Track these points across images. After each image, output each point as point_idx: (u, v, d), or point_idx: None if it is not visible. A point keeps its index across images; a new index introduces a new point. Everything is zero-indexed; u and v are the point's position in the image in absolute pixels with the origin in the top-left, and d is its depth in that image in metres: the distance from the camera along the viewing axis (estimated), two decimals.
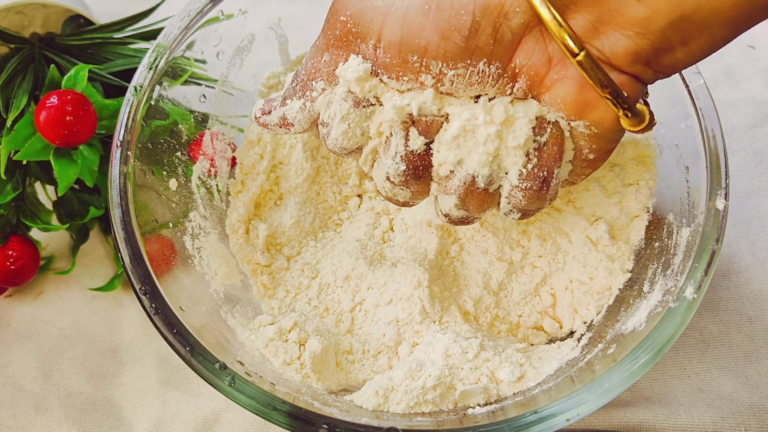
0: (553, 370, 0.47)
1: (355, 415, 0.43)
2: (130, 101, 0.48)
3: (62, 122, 0.51)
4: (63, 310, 0.58)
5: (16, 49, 0.58)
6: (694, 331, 0.56)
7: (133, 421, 0.53)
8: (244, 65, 0.55)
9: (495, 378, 0.47)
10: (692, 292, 0.43)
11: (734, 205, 0.60)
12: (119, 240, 0.45)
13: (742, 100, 0.66)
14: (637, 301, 0.47)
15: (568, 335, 0.51)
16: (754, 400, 0.53)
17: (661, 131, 0.51)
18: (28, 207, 0.56)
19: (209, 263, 0.51)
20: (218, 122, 0.55)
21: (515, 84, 0.39)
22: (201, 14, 0.50)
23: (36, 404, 0.54)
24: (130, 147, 0.47)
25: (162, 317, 0.43)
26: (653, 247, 0.49)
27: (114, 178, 0.46)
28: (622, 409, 0.51)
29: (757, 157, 0.63)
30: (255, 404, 0.41)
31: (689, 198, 0.48)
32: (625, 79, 0.37)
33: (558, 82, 0.38)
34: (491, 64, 0.37)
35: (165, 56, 0.49)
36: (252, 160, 0.55)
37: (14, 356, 0.56)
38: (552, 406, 0.42)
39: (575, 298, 0.51)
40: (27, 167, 0.56)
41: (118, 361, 0.56)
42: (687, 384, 0.53)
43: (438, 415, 0.45)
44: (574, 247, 0.51)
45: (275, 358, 0.47)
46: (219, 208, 0.54)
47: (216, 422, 0.53)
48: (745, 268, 0.58)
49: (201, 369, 0.42)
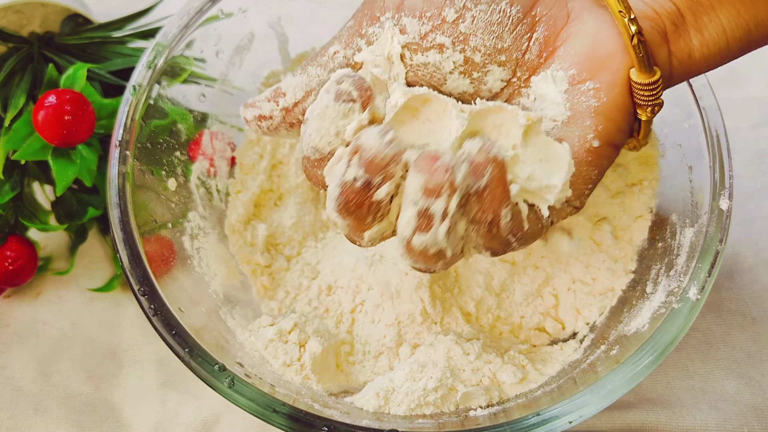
0: (556, 372, 0.47)
1: (355, 417, 0.43)
2: (129, 100, 0.48)
3: (61, 122, 0.50)
4: (62, 310, 0.58)
5: (15, 48, 0.58)
6: (697, 332, 0.55)
7: (132, 423, 0.53)
8: (244, 64, 0.55)
9: (497, 380, 0.46)
10: (696, 293, 0.43)
11: (738, 206, 0.60)
12: (118, 240, 0.45)
13: (745, 99, 0.66)
14: (640, 302, 0.47)
15: (571, 336, 0.51)
16: (757, 401, 0.52)
17: (664, 131, 0.51)
18: (26, 207, 0.56)
19: (208, 264, 0.51)
20: (218, 122, 0.55)
21: (533, 34, 0.39)
22: (200, 13, 0.50)
23: (35, 405, 0.54)
24: (128, 147, 0.47)
25: (161, 318, 0.43)
26: (656, 248, 0.49)
27: (112, 178, 0.46)
28: (625, 411, 0.51)
29: (760, 157, 0.63)
30: (254, 406, 0.41)
31: (692, 198, 0.47)
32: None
33: (573, 35, 0.39)
34: (513, 6, 0.38)
35: (164, 55, 0.49)
36: (252, 160, 0.55)
37: (13, 357, 0.56)
38: (554, 407, 0.41)
39: (578, 299, 0.51)
40: (25, 167, 0.56)
41: (118, 362, 0.56)
42: (690, 385, 0.53)
43: (439, 417, 0.45)
44: (577, 248, 0.51)
45: (275, 359, 0.47)
46: (218, 208, 0.54)
47: (215, 424, 0.53)
48: (748, 268, 0.58)
49: (200, 370, 0.42)
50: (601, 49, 0.38)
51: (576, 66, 0.39)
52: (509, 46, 0.39)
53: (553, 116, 0.39)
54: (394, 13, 0.39)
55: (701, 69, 0.39)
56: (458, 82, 0.40)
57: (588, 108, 0.39)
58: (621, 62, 0.38)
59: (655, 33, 0.37)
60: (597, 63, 0.38)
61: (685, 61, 0.38)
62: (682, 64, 0.38)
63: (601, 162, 0.39)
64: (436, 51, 0.39)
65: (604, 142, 0.39)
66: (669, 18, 0.37)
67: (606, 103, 0.38)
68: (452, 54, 0.39)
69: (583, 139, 0.38)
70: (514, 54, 0.39)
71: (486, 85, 0.40)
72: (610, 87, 0.38)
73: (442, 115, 0.39)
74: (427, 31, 0.39)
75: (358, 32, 0.41)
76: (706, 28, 0.37)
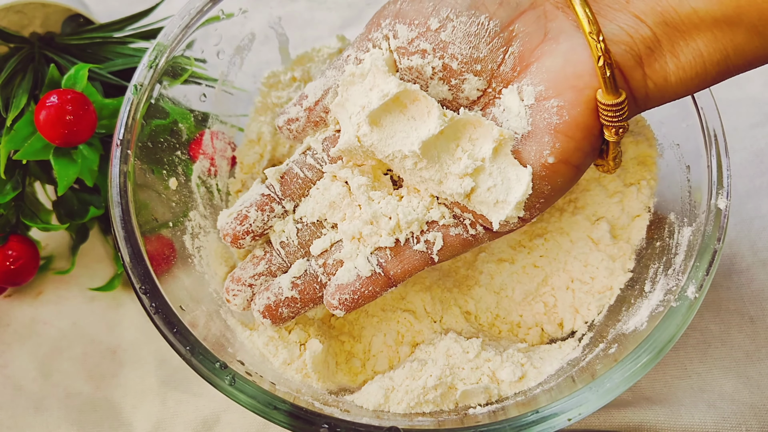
0: (555, 370, 0.47)
1: (355, 415, 0.43)
2: (130, 100, 0.48)
3: (62, 121, 0.50)
4: (62, 310, 0.58)
5: (16, 49, 0.58)
6: (695, 331, 0.56)
7: (132, 422, 0.53)
8: (245, 64, 0.55)
9: (496, 378, 0.46)
10: (694, 292, 0.43)
11: (735, 205, 0.60)
12: (119, 239, 0.45)
13: (743, 99, 0.66)
14: (638, 300, 0.47)
15: (570, 335, 0.51)
16: (755, 400, 0.52)
17: (663, 130, 0.51)
18: (27, 207, 0.56)
19: (209, 263, 0.51)
20: (218, 121, 0.55)
21: (509, 48, 0.41)
22: (201, 13, 0.50)
23: (35, 404, 0.54)
24: (130, 146, 0.47)
25: (162, 316, 0.43)
26: (654, 247, 0.49)
27: (114, 177, 0.46)
28: (623, 409, 0.51)
29: (758, 157, 0.63)
30: (255, 404, 0.41)
31: (690, 197, 0.48)
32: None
33: (547, 54, 0.40)
34: (492, 20, 0.41)
35: (165, 55, 0.49)
36: (252, 159, 0.55)
37: (14, 356, 0.56)
38: (553, 405, 0.42)
39: (576, 297, 0.51)
40: (27, 167, 0.56)
41: (118, 361, 0.56)
42: (688, 384, 0.53)
43: (439, 415, 0.45)
44: (576, 247, 0.51)
45: (275, 357, 0.47)
46: (219, 208, 0.54)
47: (216, 423, 0.53)
48: (746, 267, 0.58)
49: (201, 368, 0.42)
50: (571, 69, 0.39)
51: (545, 83, 0.40)
52: (485, 56, 0.41)
53: (515, 128, 0.41)
54: (392, 20, 0.43)
55: (679, 92, 0.40)
56: (438, 89, 0.43)
57: (549, 125, 0.40)
58: (588, 83, 0.39)
59: (628, 56, 0.38)
60: (565, 82, 0.40)
61: (661, 84, 0.39)
62: (658, 87, 0.39)
63: (554, 179, 0.41)
64: (419, 56, 0.42)
65: (559, 159, 0.40)
66: (644, 42, 0.38)
67: (567, 121, 0.40)
68: (432, 59, 0.42)
69: (539, 154, 0.41)
70: (489, 65, 0.42)
71: (463, 92, 0.43)
72: (573, 105, 0.39)
73: (425, 115, 0.42)
74: (413, 37, 0.42)
75: (367, 37, 0.44)
76: (683, 53, 0.38)
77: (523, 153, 0.41)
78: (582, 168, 0.42)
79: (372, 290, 0.44)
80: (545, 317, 0.51)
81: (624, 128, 0.40)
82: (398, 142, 0.42)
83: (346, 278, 0.44)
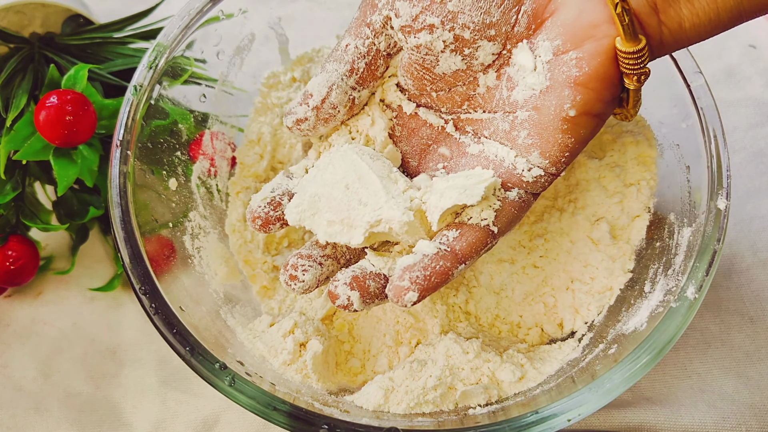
0: (554, 371, 0.47)
1: (355, 416, 0.43)
2: (130, 101, 0.48)
3: (62, 122, 0.50)
4: (62, 310, 0.58)
5: (16, 49, 0.58)
6: (695, 331, 0.56)
7: (132, 422, 0.53)
8: (244, 65, 0.55)
9: (496, 378, 0.46)
10: (693, 292, 0.43)
11: (735, 205, 0.60)
12: (119, 239, 0.45)
13: (743, 99, 0.66)
14: (638, 301, 0.47)
15: (569, 335, 0.51)
16: (755, 400, 0.52)
17: (662, 131, 0.51)
18: (27, 207, 0.56)
19: (209, 263, 0.51)
20: (218, 122, 0.55)
21: (521, 7, 0.40)
22: (201, 14, 0.50)
23: (35, 404, 0.54)
24: (129, 146, 0.47)
25: (162, 317, 0.43)
26: (654, 247, 0.49)
27: (114, 177, 0.46)
28: (623, 410, 0.51)
29: (758, 157, 0.63)
30: (255, 404, 0.41)
31: (690, 198, 0.48)
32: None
33: (561, 7, 0.39)
34: None
35: (165, 56, 0.49)
36: (252, 160, 0.55)
37: (14, 356, 0.56)
38: (553, 406, 0.42)
39: (576, 298, 0.51)
40: (26, 167, 0.56)
41: (118, 361, 0.56)
42: (688, 384, 0.53)
43: (439, 415, 0.45)
44: (576, 247, 0.51)
45: (275, 358, 0.47)
46: (219, 208, 0.54)
47: (216, 423, 0.53)
48: (746, 268, 0.58)
49: (201, 369, 0.42)
50: (587, 19, 0.39)
51: (561, 36, 0.39)
52: (498, 20, 0.40)
53: (532, 85, 0.41)
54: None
55: (692, 38, 0.39)
56: (450, 61, 0.42)
57: (568, 78, 0.39)
58: (606, 32, 0.38)
59: (643, 2, 0.38)
60: (582, 33, 0.39)
61: (676, 30, 0.39)
62: (673, 33, 0.39)
63: (577, 131, 0.41)
64: (426, 32, 0.41)
65: (580, 111, 0.40)
66: None
67: (587, 72, 0.39)
68: (442, 33, 0.40)
69: (559, 108, 0.40)
70: (503, 28, 0.40)
71: (477, 60, 0.42)
72: (593, 56, 0.39)
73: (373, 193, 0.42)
74: (417, 13, 0.40)
75: (364, 22, 0.42)
76: None
77: (543, 109, 0.40)
78: (604, 117, 0.41)
79: (443, 266, 0.41)
80: (545, 317, 0.52)
81: (646, 74, 0.39)
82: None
83: (412, 259, 0.41)
